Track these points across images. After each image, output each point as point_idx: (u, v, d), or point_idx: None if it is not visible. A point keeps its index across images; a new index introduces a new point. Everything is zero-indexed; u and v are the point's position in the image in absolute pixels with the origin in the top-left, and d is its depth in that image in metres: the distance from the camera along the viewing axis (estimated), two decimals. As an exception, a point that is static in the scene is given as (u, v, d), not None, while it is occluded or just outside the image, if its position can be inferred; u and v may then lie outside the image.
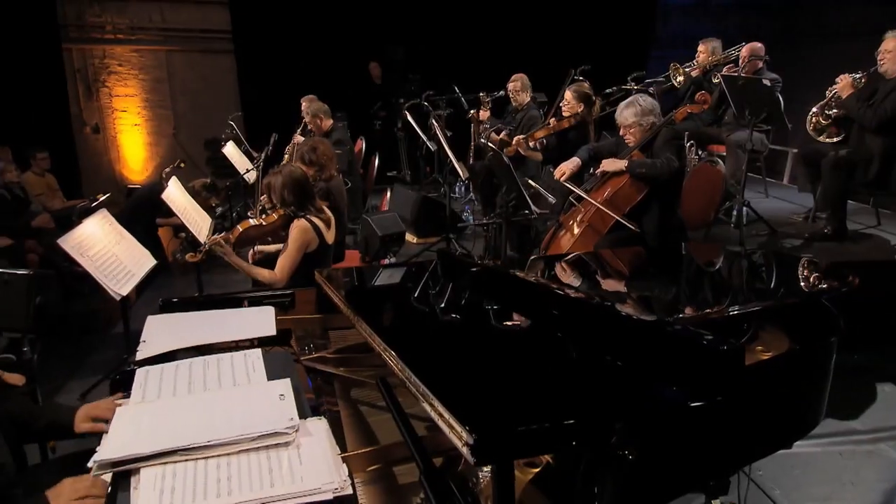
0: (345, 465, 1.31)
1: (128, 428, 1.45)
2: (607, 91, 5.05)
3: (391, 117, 7.31)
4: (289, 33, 7.51)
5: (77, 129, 7.70)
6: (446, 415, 0.96)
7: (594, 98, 4.37)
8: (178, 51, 7.93)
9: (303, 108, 5.61)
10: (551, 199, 3.38)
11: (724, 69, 4.83)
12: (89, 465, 1.36)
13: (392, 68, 7.55)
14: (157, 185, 4.86)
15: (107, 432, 1.47)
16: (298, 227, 2.84)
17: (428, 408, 1.04)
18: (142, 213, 4.76)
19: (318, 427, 1.44)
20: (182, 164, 5.39)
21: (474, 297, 1.88)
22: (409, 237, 5.03)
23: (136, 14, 7.66)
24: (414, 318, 1.84)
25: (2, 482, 1.46)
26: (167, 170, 5.09)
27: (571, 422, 0.99)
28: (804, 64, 6.35)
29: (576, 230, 3.25)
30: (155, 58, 7.92)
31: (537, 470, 1.37)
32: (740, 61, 4.73)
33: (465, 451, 0.90)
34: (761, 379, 1.41)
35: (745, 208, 4.28)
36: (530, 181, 3.55)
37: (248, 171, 5.32)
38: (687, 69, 5.14)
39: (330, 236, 2.98)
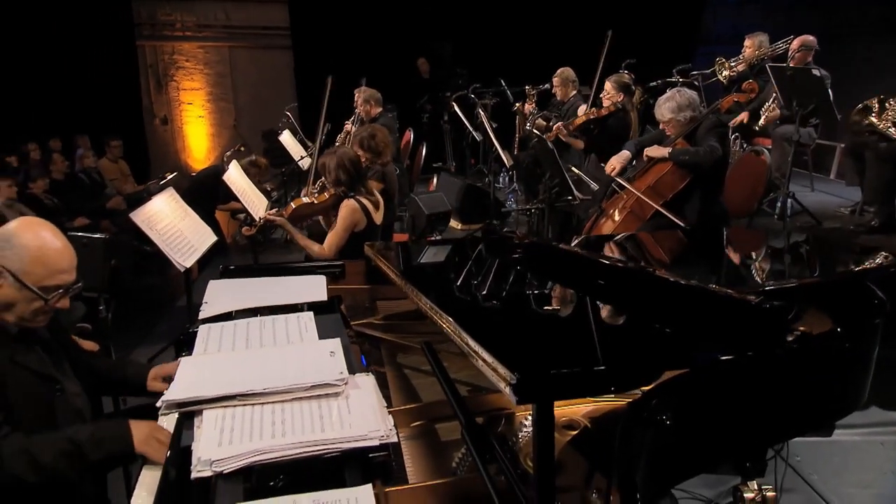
0: (390, 417, 1.39)
1: (192, 374, 1.60)
2: (652, 84, 4.99)
3: (438, 110, 7.42)
4: (343, 30, 7.74)
5: (147, 120, 8.23)
6: (489, 359, 1.04)
7: (634, 87, 4.33)
8: (240, 47, 8.32)
9: (356, 98, 5.77)
10: (594, 185, 3.39)
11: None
12: (158, 404, 1.51)
13: (440, 64, 7.67)
14: (217, 168, 5.13)
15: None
16: (347, 206, 2.96)
17: (474, 357, 1.11)
18: (201, 196, 5.00)
19: (366, 381, 1.54)
20: (242, 149, 5.68)
21: (519, 265, 1.93)
22: (454, 223, 5.11)
23: (203, 13, 8.09)
24: (461, 284, 1.91)
25: (78, 426, 1.61)
26: (228, 153, 5.36)
27: (602, 368, 1.05)
28: (852, 60, 6.07)
29: (617, 217, 3.25)
30: (219, 54, 8.34)
31: (575, 433, 1.42)
32: (789, 53, 4.60)
33: (507, 391, 0.98)
34: (802, 353, 1.40)
35: (789, 200, 4.18)
36: (573, 168, 3.57)
37: (302, 158, 5.54)
38: (733, 64, 5.04)
39: (378, 217, 3.09)
